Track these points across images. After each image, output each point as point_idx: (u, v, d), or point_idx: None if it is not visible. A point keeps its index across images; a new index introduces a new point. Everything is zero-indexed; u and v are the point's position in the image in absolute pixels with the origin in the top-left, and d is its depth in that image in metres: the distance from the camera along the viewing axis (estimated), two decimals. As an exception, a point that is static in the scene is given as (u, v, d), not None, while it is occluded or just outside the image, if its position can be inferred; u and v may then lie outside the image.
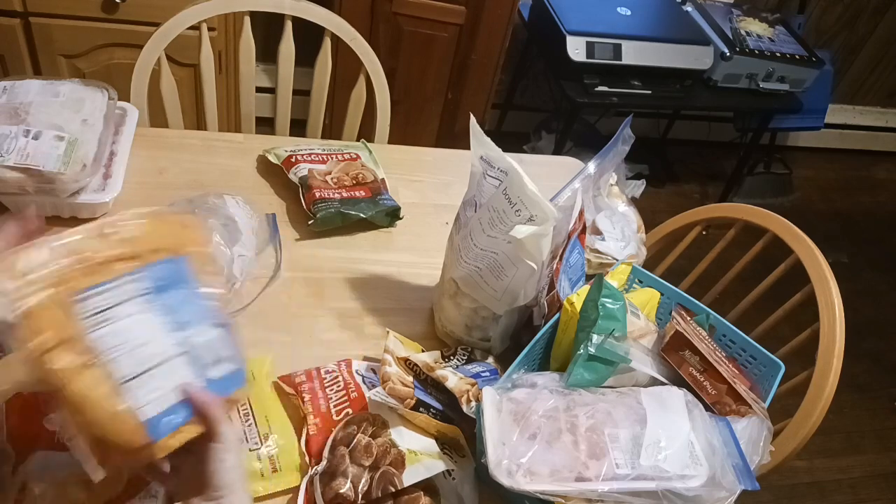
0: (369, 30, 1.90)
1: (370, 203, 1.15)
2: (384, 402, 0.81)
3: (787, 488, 1.96)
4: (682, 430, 0.77)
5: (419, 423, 0.83)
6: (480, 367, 0.93)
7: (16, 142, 0.94)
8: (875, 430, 2.19)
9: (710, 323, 0.96)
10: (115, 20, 1.68)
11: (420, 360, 0.88)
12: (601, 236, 1.12)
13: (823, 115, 2.93)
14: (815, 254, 1.13)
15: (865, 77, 3.14)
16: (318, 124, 1.52)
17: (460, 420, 0.84)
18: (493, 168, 0.85)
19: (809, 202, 3.04)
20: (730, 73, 2.32)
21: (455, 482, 0.81)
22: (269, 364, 0.91)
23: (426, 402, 0.83)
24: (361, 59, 1.40)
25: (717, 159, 3.07)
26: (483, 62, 2.01)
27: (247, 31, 1.38)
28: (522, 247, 0.84)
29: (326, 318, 1.01)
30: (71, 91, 1.04)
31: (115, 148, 1.09)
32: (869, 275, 2.76)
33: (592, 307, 0.85)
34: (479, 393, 0.81)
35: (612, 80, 2.16)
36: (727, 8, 2.54)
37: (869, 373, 2.35)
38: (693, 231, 1.33)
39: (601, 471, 0.72)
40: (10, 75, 1.41)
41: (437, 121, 2.17)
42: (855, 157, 3.34)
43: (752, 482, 0.74)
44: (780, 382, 0.90)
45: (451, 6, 1.89)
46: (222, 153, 1.23)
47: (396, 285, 1.09)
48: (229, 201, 1.02)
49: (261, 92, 1.94)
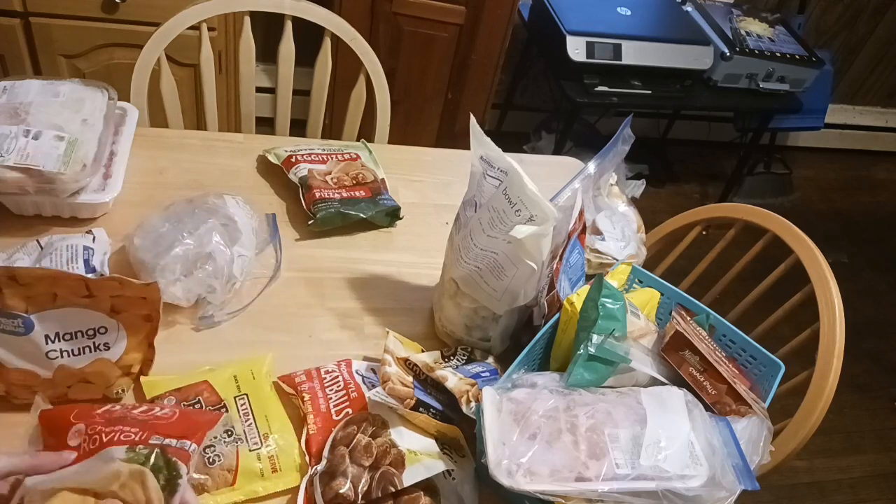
0: (369, 30, 1.90)
1: (370, 203, 1.15)
2: (384, 402, 0.81)
3: (787, 488, 1.96)
4: (682, 430, 0.77)
5: (419, 423, 0.83)
6: (480, 368, 0.93)
7: (16, 142, 0.94)
8: (875, 430, 2.19)
9: (710, 323, 0.96)
10: (115, 20, 1.68)
11: (420, 360, 0.88)
12: (601, 236, 1.12)
13: (823, 115, 2.93)
14: (815, 254, 1.13)
15: (865, 77, 3.14)
16: (318, 124, 1.52)
17: (460, 420, 0.84)
18: (493, 168, 0.85)
19: (809, 202, 3.05)
20: (730, 73, 2.32)
21: (455, 482, 0.81)
22: (269, 364, 0.91)
23: (426, 402, 0.83)
24: (361, 59, 1.40)
25: (717, 159, 3.07)
26: (483, 62, 2.01)
27: (247, 31, 1.38)
28: (522, 247, 0.84)
29: (326, 318, 1.01)
30: (71, 91, 1.04)
31: (115, 148, 1.09)
32: (869, 275, 2.76)
33: (592, 307, 0.85)
34: (479, 393, 0.81)
35: (612, 80, 2.16)
36: (727, 8, 2.54)
37: (869, 373, 2.35)
38: (693, 231, 1.33)
39: (601, 471, 0.72)
40: (10, 75, 1.41)
41: (437, 121, 2.17)
42: (855, 157, 3.34)
43: (752, 482, 0.74)
44: (780, 382, 0.90)
45: (451, 6, 1.89)
46: (222, 153, 1.23)
47: (396, 285, 1.09)
48: (229, 201, 1.02)
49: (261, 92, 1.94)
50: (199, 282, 0.92)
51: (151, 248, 0.92)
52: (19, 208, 1.00)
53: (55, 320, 0.78)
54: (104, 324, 0.81)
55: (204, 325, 0.95)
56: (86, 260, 0.90)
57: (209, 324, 0.95)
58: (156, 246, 0.92)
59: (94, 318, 0.80)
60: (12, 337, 0.77)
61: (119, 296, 0.80)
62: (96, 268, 0.90)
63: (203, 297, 0.94)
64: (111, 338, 0.82)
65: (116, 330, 0.82)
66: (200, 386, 0.84)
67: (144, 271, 0.92)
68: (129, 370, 0.84)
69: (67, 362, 0.80)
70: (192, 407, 0.81)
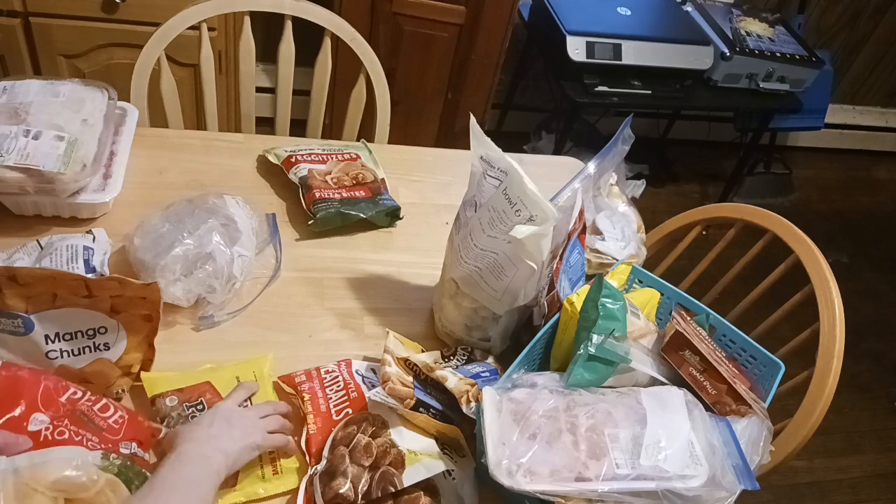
0: (369, 30, 1.90)
1: (370, 203, 1.15)
2: (384, 402, 0.81)
3: (787, 488, 1.96)
4: (682, 430, 0.77)
5: (419, 423, 0.83)
6: (480, 368, 0.93)
7: (16, 142, 0.94)
8: (875, 430, 2.19)
9: (710, 323, 0.96)
10: (115, 20, 1.68)
11: (420, 360, 0.88)
12: (601, 236, 1.12)
13: (823, 115, 2.93)
14: (815, 254, 1.13)
15: (865, 77, 3.14)
16: (318, 124, 1.52)
17: (460, 420, 0.84)
18: (493, 168, 0.85)
19: (809, 202, 3.04)
20: (730, 73, 2.32)
21: (455, 482, 0.81)
22: (269, 364, 0.91)
23: (426, 403, 0.83)
24: (361, 59, 1.40)
25: (717, 159, 3.07)
26: (483, 62, 2.01)
27: (247, 31, 1.38)
28: (522, 247, 0.84)
29: (326, 318, 1.01)
30: (71, 91, 1.04)
31: (115, 148, 1.09)
32: (869, 275, 2.76)
33: (592, 307, 0.85)
34: (479, 393, 0.81)
35: (612, 80, 2.16)
36: (727, 8, 2.53)
37: (869, 373, 2.35)
38: (693, 231, 1.33)
39: (601, 471, 0.72)
40: (10, 75, 1.41)
41: (437, 121, 2.16)
42: (855, 157, 3.33)
43: (752, 482, 0.74)
44: (780, 382, 0.90)
45: (451, 6, 1.89)
46: (222, 153, 1.23)
47: (396, 285, 1.09)
48: (229, 201, 1.02)
49: (261, 92, 1.94)
50: (199, 282, 0.92)
51: (151, 248, 0.92)
52: (19, 208, 1.00)
53: (55, 320, 0.78)
54: (104, 324, 0.81)
55: (204, 325, 0.95)
56: (86, 260, 0.90)
57: (209, 324, 0.95)
58: (156, 246, 0.92)
59: (94, 318, 0.80)
60: (12, 337, 0.77)
61: (119, 296, 0.80)
62: (96, 268, 0.90)
63: (203, 297, 0.94)
64: (111, 338, 0.82)
65: (116, 330, 0.82)
66: (203, 387, 0.84)
67: (144, 271, 0.92)
68: (129, 370, 0.84)
69: (67, 362, 0.80)
70: (195, 409, 0.81)
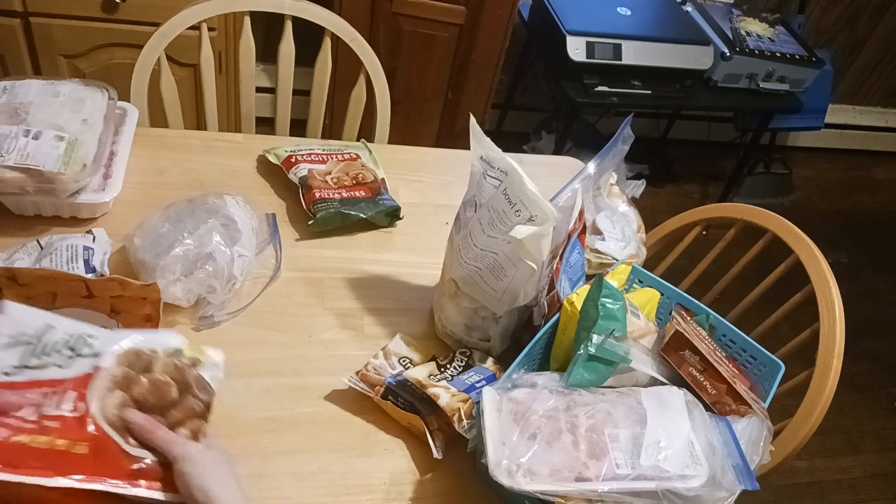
0: (369, 30, 1.90)
1: (370, 203, 1.15)
2: (356, 387, 0.85)
3: (787, 488, 1.96)
4: (682, 430, 0.77)
5: (389, 410, 0.87)
6: (477, 376, 0.91)
7: (16, 142, 0.94)
8: (875, 430, 2.19)
9: (710, 323, 0.96)
10: (115, 20, 1.68)
11: (413, 376, 0.87)
12: (601, 236, 1.12)
13: (823, 115, 2.93)
14: (815, 254, 1.13)
15: (865, 77, 3.14)
16: (318, 124, 1.52)
17: (427, 413, 0.86)
18: (493, 168, 0.85)
19: (809, 202, 3.04)
20: (730, 73, 2.32)
21: None
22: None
23: (395, 392, 0.86)
24: (361, 59, 1.40)
25: (717, 159, 3.07)
26: (483, 62, 2.01)
27: (247, 31, 1.38)
28: (522, 247, 0.84)
29: (326, 318, 1.01)
30: (71, 91, 1.04)
31: (115, 148, 1.09)
32: (869, 275, 2.76)
33: (592, 307, 0.85)
34: (472, 409, 0.83)
35: (612, 80, 2.16)
36: (727, 8, 2.54)
37: (869, 373, 2.35)
38: (693, 231, 1.33)
39: (601, 471, 0.72)
40: (10, 75, 1.41)
41: (437, 121, 2.17)
42: (855, 157, 3.34)
43: (752, 482, 0.74)
44: (780, 382, 0.90)
45: (451, 6, 1.89)
46: (222, 153, 1.23)
47: (396, 285, 1.09)
48: (229, 201, 1.02)
49: (261, 92, 1.93)
50: (199, 282, 0.92)
51: (151, 248, 0.92)
52: (19, 208, 1.00)
53: (55, 320, 0.78)
54: (104, 324, 0.81)
55: (204, 325, 0.95)
56: (86, 260, 0.90)
57: (209, 324, 0.95)
58: (156, 246, 0.92)
59: (94, 319, 0.80)
60: (12, 337, 0.77)
61: (119, 296, 0.80)
62: (96, 268, 0.90)
63: (203, 297, 0.94)
64: (111, 338, 0.82)
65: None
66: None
67: (144, 271, 0.92)
68: (129, 370, 0.84)
69: (67, 362, 0.79)
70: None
